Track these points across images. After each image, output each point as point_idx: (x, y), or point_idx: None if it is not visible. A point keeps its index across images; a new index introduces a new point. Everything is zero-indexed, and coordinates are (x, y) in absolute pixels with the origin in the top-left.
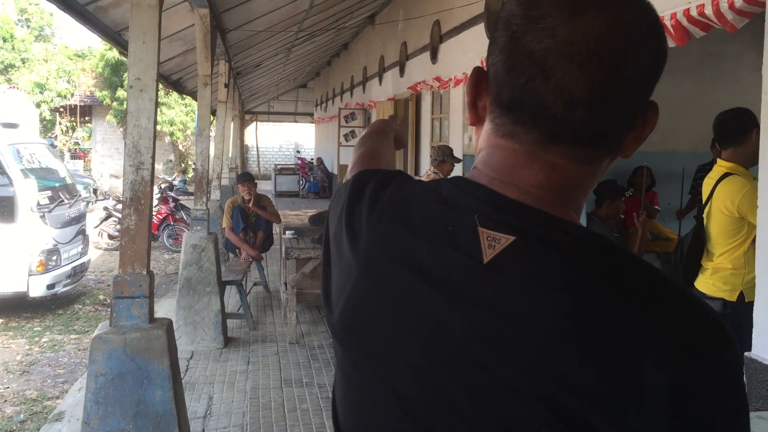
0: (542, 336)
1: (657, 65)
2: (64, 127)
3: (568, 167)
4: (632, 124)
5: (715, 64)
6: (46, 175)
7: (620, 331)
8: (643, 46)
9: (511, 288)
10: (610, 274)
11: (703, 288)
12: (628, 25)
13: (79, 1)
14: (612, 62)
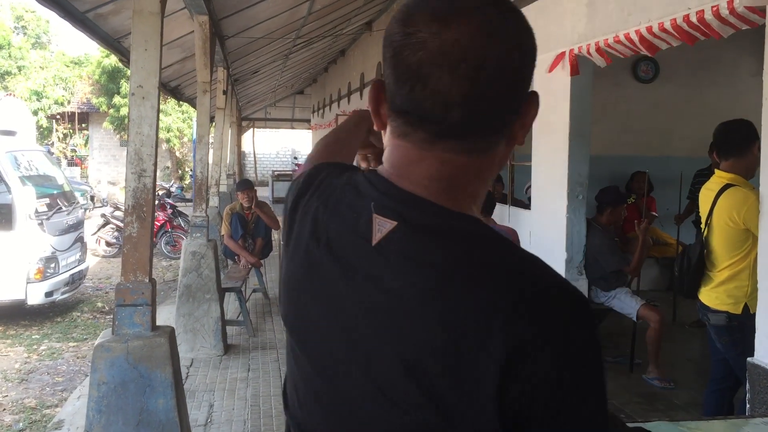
0: (410, 307)
1: (524, 61)
2: (61, 135)
3: (456, 160)
4: (514, 115)
5: (712, 69)
6: (44, 182)
7: (475, 305)
8: (506, 47)
9: (391, 266)
10: (475, 254)
11: (706, 300)
12: (490, 31)
13: (79, 8)
14: (478, 66)
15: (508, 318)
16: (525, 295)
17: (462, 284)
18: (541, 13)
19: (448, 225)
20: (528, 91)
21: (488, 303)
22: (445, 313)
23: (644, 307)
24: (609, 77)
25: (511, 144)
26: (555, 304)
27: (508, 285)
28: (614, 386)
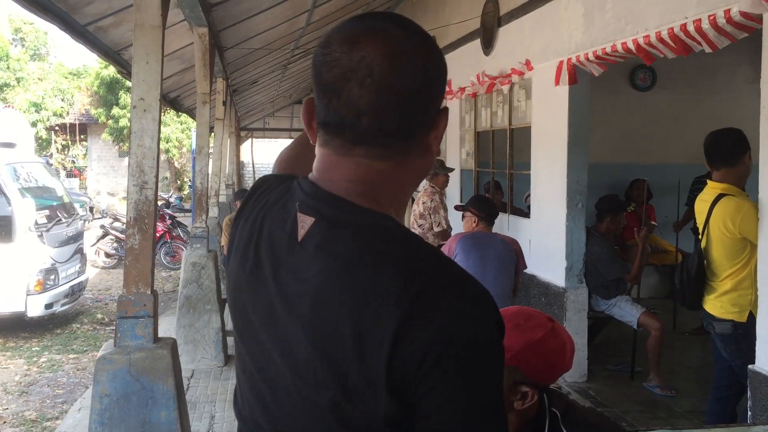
0: (318, 292)
1: (427, 79)
2: (60, 146)
3: (371, 164)
4: (423, 127)
5: (710, 77)
6: (44, 194)
7: (373, 291)
8: (409, 66)
9: (308, 258)
10: (379, 245)
11: (711, 309)
12: (394, 51)
13: (80, 21)
14: (383, 80)
15: (402, 305)
16: (421, 283)
17: (363, 271)
18: (539, 23)
19: (358, 220)
20: (439, 105)
21: (385, 289)
22: (347, 298)
23: (645, 315)
24: (607, 85)
25: (428, 154)
26: (448, 295)
27: (405, 273)
28: (615, 394)
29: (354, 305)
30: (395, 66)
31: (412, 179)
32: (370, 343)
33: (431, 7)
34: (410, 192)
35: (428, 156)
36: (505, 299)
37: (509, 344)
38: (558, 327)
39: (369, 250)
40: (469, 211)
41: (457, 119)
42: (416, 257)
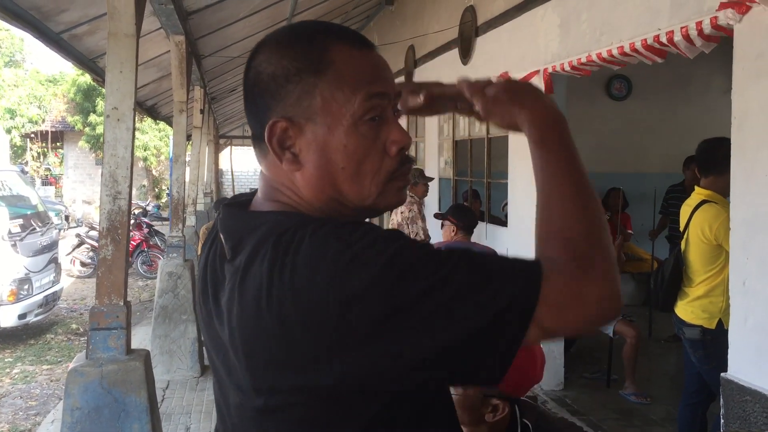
0: (230, 298)
1: (258, 81)
2: (36, 153)
3: (265, 168)
4: (261, 130)
5: (685, 86)
6: (18, 202)
7: (260, 285)
8: (253, 68)
9: (227, 276)
10: (264, 246)
11: (682, 314)
12: (253, 60)
13: (54, 29)
14: (246, 82)
15: (268, 278)
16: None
17: (249, 269)
18: (516, 33)
19: (251, 224)
20: (274, 114)
21: (268, 282)
22: (242, 295)
23: (620, 323)
24: (583, 95)
25: (287, 166)
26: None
27: (282, 250)
28: (591, 402)
29: (247, 303)
30: (248, 70)
31: (302, 189)
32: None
33: (410, 17)
34: (323, 205)
35: (292, 169)
36: None
37: None
38: None
39: (256, 249)
40: (447, 220)
41: (435, 128)
42: (292, 234)
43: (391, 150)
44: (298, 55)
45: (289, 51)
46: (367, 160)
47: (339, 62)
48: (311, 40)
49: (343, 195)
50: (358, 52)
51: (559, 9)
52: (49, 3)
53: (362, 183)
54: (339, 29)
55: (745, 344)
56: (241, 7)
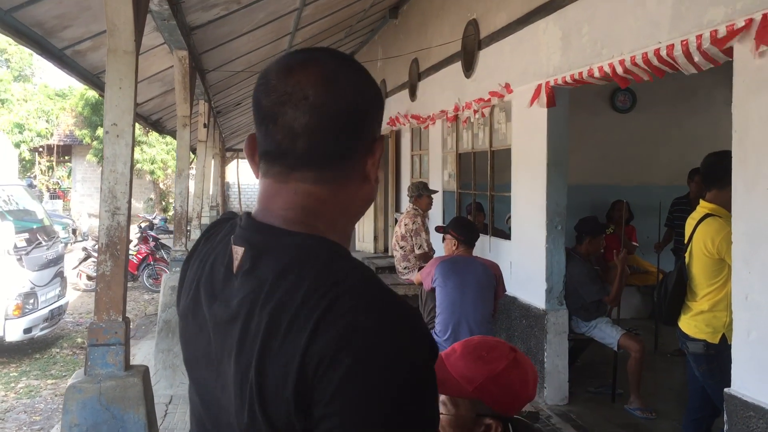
0: (243, 316)
1: (363, 102)
2: (44, 167)
3: (309, 189)
4: (358, 153)
5: (689, 98)
6: (24, 216)
7: (287, 311)
8: (343, 88)
9: (238, 286)
10: (299, 265)
11: (685, 328)
12: (327, 76)
13: (57, 45)
14: (318, 102)
15: (313, 318)
16: (334, 295)
17: (285, 290)
18: (518, 46)
19: (284, 242)
20: (375, 133)
21: (299, 305)
22: (270, 318)
23: (625, 337)
24: (587, 107)
25: (367, 182)
26: (358, 309)
27: (319, 287)
28: (596, 417)
29: (275, 327)
30: (329, 89)
31: (353, 207)
32: (286, 362)
33: (414, 30)
34: (352, 221)
35: (367, 184)
36: (485, 324)
37: (472, 376)
38: (521, 357)
39: (288, 268)
40: (449, 233)
41: (439, 141)
42: (334, 271)
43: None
44: (378, 86)
45: (374, 80)
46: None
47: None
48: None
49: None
50: None
51: (560, 22)
52: (52, 20)
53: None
54: None
55: (749, 359)
56: (245, 22)
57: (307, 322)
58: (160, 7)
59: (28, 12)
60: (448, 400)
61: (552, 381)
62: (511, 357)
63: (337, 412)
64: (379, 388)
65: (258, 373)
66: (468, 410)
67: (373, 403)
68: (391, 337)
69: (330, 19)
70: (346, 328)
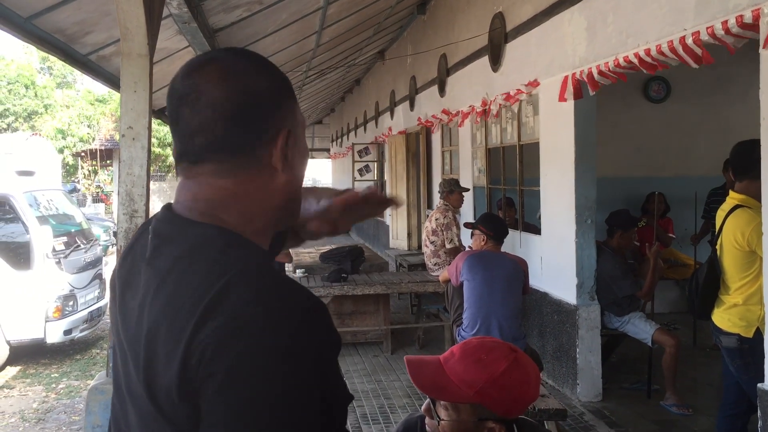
0: (143, 304)
1: (260, 94)
2: (87, 171)
3: (213, 182)
4: (257, 144)
5: (725, 87)
6: (63, 220)
7: (177, 302)
8: (236, 83)
9: (143, 274)
10: (193, 254)
11: (719, 322)
12: (222, 72)
13: (80, 51)
14: (210, 99)
15: (199, 307)
16: (224, 283)
17: (173, 281)
18: (544, 38)
19: (183, 232)
20: (279, 124)
21: (189, 295)
22: (163, 308)
23: (659, 332)
24: (619, 98)
25: (276, 173)
26: (244, 296)
27: (210, 276)
28: (630, 414)
29: (167, 315)
30: (220, 86)
31: (271, 200)
32: (175, 353)
33: (442, 26)
34: (277, 215)
35: (278, 176)
36: (513, 319)
37: (471, 380)
38: (522, 357)
39: (183, 258)
40: (478, 229)
41: (468, 136)
42: (226, 261)
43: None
44: (284, 78)
45: (275, 72)
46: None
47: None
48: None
49: (298, 201)
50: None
51: (585, 12)
52: (72, 26)
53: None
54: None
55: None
56: (269, 23)
57: (193, 311)
58: (179, 9)
59: (48, 19)
60: (449, 406)
61: (585, 377)
62: (511, 358)
63: (220, 411)
64: (261, 385)
65: (147, 357)
66: (469, 415)
67: (255, 402)
68: (277, 332)
69: (356, 16)
70: (230, 321)
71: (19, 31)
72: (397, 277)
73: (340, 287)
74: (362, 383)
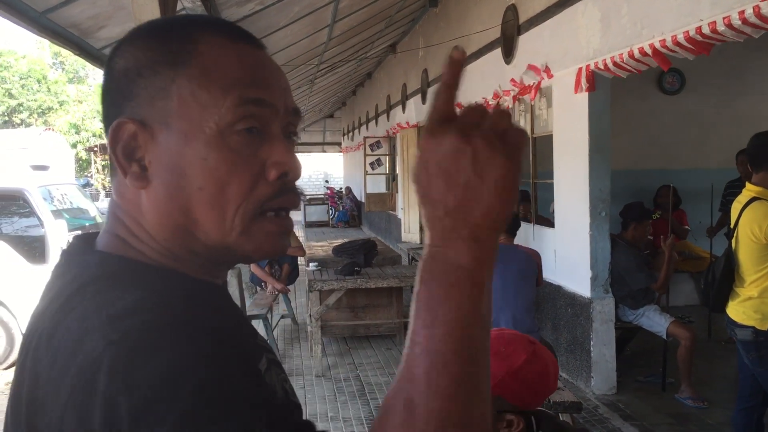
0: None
1: (107, 83)
2: (100, 166)
3: (112, 187)
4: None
5: (740, 78)
6: (77, 214)
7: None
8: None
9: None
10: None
11: (733, 315)
12: (109, 58)
13: (95, 45)
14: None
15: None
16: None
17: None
18: (557, 30)
19: (69, 266)
20: (118, 111)
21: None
22: (47, 347)
23: (674, 325)
24: (633, 90)
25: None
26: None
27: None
28: (645, 407)
29: (55, 355)
30: (105, 69)
31: (144, 207)
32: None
33: (454, 18)
34: (164, 232)
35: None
36: (527, 312)
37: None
38: (540, 349)
39: (63, 297)
40: None
41: None
42: (85, 302)
43: (269, 173)
44: (155, 45)
45: (147, 41)
46: (234, 180)
47: (207, 55)
48: (175, 28)
49: (197, 225)
50: (236, 46)
51: (599, 3)
52: (87, 20)
53: (224, 211)
54: (216, 20)
55: None
56: (281, 17)
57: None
58: (192, 3)
59: (62, 13)
60: None
61: (599, 370)
62: (530, 350)
63: None
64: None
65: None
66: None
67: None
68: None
69: (368, 9)
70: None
71: (34, 25)
72: (411, 270)
73: (354, 280)
74: (375, 376)
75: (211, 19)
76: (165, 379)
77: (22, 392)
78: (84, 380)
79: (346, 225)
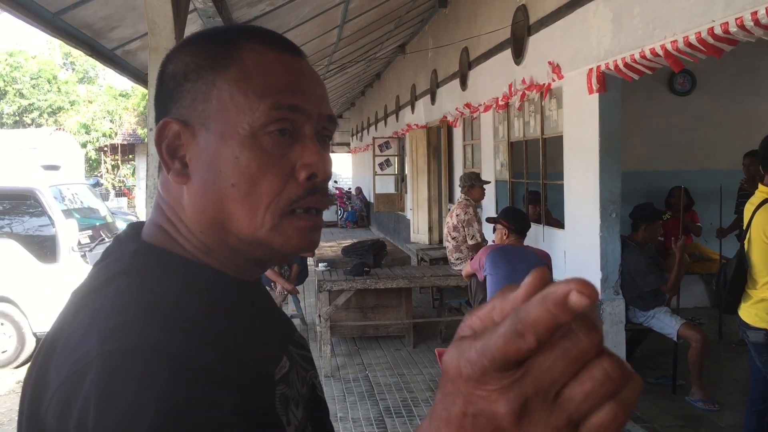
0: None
1: (159, 85)
2: (109, 166)
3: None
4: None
5: (751, 79)
6: (88, 214)
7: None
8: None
9: None
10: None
11: (745, 317)
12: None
13: (107, 46)
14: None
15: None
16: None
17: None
18: (568, 30)
19: (107, 252)
20: (165, 111)
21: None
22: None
23: (685, 326)
24: (644, 91)
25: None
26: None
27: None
28: (656, 409)
29: (52, 356)
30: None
31: (185, 207)
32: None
33: (463, 19)
34: (203, 228)
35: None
36: None
37: None
38: None
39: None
40: (500, 223)
41: (490, 130)
42: (88, 315)
43: (299, 174)
44: (201, 51)
45: (195, 47)
46: (265, 179)
47: (247, 61)
48: (221, 36)
49: (231, 220)
50: (276, 55)
51: (611, 3)
52: (99, 21)
53: (256, 207)
54: (259, 29)
55: None
56: (291, 17)
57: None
58: (204, 4)
59: (76, 14)
60: None
61: None
62: None
63: None
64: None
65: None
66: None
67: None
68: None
69: (378, 10)
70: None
71: (47, 26)
72: (420, 271)
73: (363, 281)
74: (384, 377)
75: (255, 29)
76: (125, 416)
77: (34, 370)
78: (74, 372)
79: (354, 225)
